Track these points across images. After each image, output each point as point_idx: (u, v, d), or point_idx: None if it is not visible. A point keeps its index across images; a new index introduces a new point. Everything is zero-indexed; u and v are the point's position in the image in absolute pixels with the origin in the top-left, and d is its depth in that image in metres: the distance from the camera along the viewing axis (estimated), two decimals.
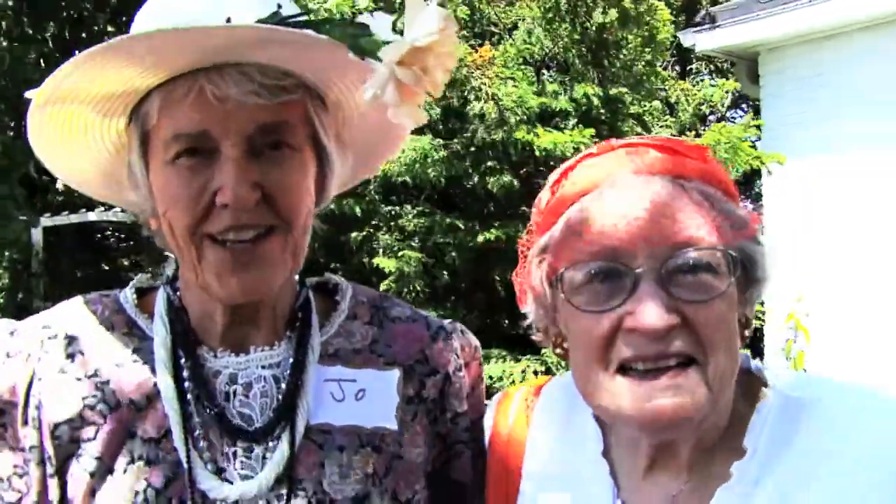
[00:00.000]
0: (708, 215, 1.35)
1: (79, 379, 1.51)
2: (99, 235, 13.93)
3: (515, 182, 8.41)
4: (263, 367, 1.56)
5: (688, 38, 10.10)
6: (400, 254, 8.11)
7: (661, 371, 1.31)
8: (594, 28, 8.52)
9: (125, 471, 1.47)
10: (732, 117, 15.77)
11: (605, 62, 8.92)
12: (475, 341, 1.76)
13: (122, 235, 13.75)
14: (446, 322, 1.74)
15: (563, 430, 1.58)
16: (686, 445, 1.40)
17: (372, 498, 1.52)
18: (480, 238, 8.36)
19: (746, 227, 1.39)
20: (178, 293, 1.61)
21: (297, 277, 1.65)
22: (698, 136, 8.34)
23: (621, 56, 8.91)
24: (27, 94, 1.43)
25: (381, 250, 8.12)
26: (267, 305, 1.57)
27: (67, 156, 1.57)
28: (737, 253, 1.35)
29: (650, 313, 1.29)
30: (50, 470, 1.48)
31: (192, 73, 1.42)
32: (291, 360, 1.57)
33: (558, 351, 1.53)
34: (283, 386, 1.54)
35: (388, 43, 1.33)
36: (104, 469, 1.47)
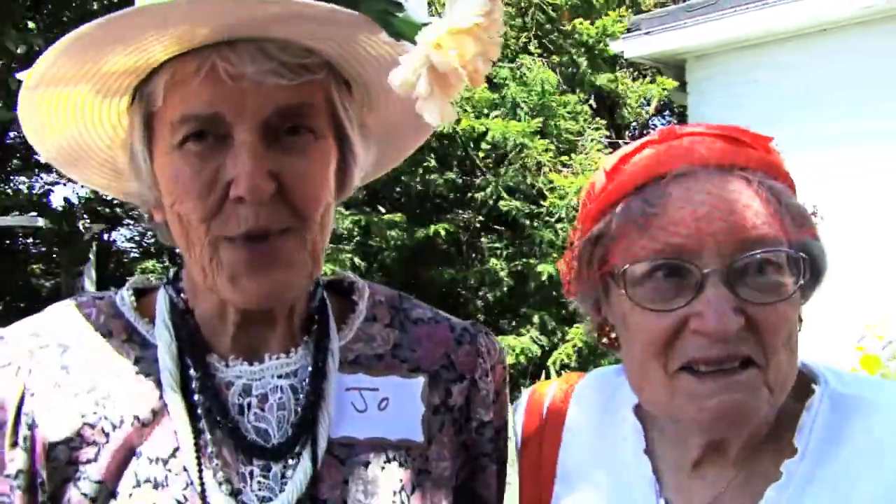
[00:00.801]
0: (774, 211, 1.30)
1: (76, 394, 1.35)
2: (8, 241, 13.38)
3: (458, 180, 8.37)
4: (279, 377, 1.42)
5: (616, 45, 10.23)
6: (334, 257, 7.98)
7: (723, 371, 1.27)
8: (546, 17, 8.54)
9: (131, 495, 1.31)
10: (654, 124, 16.05)
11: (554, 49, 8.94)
12: (499, 343, 1.64)
13: (37, 241, 13.23)
14: (469, 323, 1.62)
15: (600, 428, 1.53)
16: (736, 442, 1.37)
17: None
18: (417, 235, 8.29)
19: (809, 224, 1.35)
20: (181, 294, 1.45)
21: None
22: (633, 138, 8.43)
23: (573, 39, 8.95)
24: (18, 76, 1.27)
25: None
26: (283, 309, 1.43)
27: (60, 140, 1.40)
28: (803, 252, 1.31)
29: (718, 317, 1.24)
30: (42, 497, 1.31)
31: (203, 49, 1.27)
32: (310, 368, 1.43)
33: (604, 340, 1.47)
34: (302, 397, 1.41)
35: (424, 25, 1.21)
36: (107, 493, 1.31)
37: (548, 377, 6.65)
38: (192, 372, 1.38)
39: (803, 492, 1.30)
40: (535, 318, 8.84)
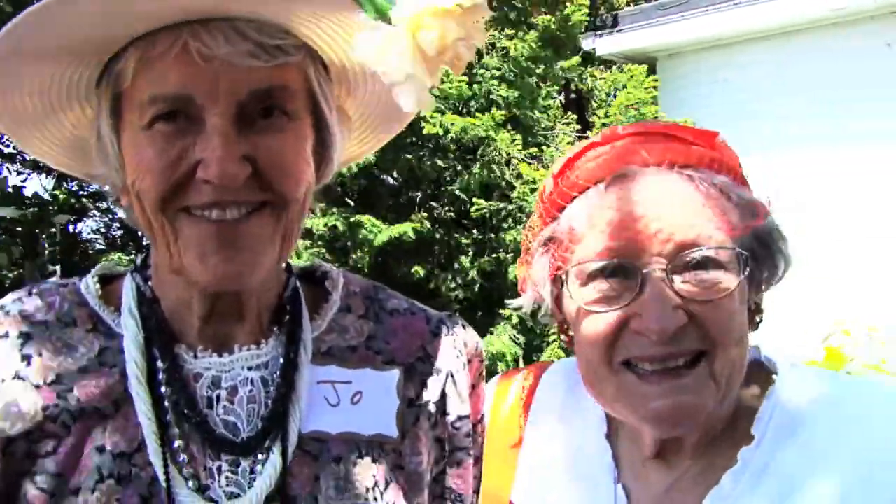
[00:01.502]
0: (717, 207, 1.31)
1: (37, 386, 1.29)
2: None
3: (423, 170, 8.33)
4: (250, 369, 1.37)
5: (588, 42, 10.25)
6: (305, 256, 7.93)
7: (668, 370, 1.29)
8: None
9: (93, 490, 1.26)
10: (621, 122, 16.11)
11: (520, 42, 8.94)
12: (476, 336, 1.61)
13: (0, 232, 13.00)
14: (445, 315, 1.58)
15: (566, 413, 1.54)
16: (691, 437, 1.38)
17: None
18: (386, 235, 8.25)
19: (758, 215, 1.35)
20: (149, 282, 1.40)
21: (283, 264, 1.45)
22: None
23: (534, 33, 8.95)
24: None
25: None
26: (251, 296, 1.38)
27: (25, 119, 1.35)
28: (748, 245, 1.32)
29: (657, 316, 1.25)
30: None
31: (176, 27, 1.22)
32: (281, 359, 1.38)
33: (563, 337, 1.48)
34: (273, 389, 1.36)
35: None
36: (66, 489, 1.26)
37: None
38: (158, 363, 1.34)
39: (759, 479, 1.31)
40: (514, 317, 8.81)
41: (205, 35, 1.21)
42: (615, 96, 10.45)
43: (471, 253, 8.70)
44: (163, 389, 1.32)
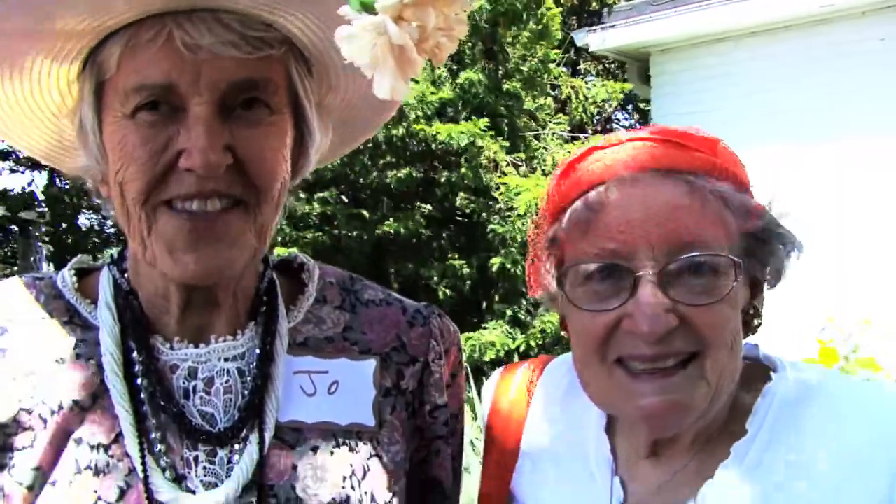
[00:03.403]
0: (714, 213, 1.32)
1: (14, 378, 1.30)
2: None
3: (414, 173, 8.39)
4: (226, 360, 1.38)
5: (581, 38, 10.25)
6: (299, 242, 7.96)
7: (659, 370, 1.30)
8: (486, 21, 8.57)
9: (70, 482, 1.26)
10: (617, 118, 16.13)
11: (500, 56, 8.97)
12: (453, 326, 1.61)
13: None
14: (422, 305, 1.59)
15: (566, 407, 1.55)
16: (685, 437, 1.39)
17: (351, 502, 1.36)
18: (378, 231, 8.30)
19: (751, 217, 1.35)
20: (125, 275, 1.40)
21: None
22: (595, 133, 8.51)
23: (515, 49, 9.01)
24: None
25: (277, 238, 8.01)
26: (228, 288, 1.39)
27: (4, 107, 1.35)
28: (744, 248, 1.34)
29: (648, 318, 1.27)
30: None
31: (161, 17, 1.22)
32: (258, 350, 1.39)
33: (565, 334, 1.48)
34: (249, 380, 1.37)
35: None
36: (44, 481, 1.26)
37: None
38: (135, 355, 1.34)
39: (753, 472, 1.32)
40: (508, 312, 8.84)
41: (189, 25, 1.21)
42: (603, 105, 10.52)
43: (461, 249, 8.73)
44: (139, 381, 1.33)
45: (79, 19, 1.23)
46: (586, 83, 10.40)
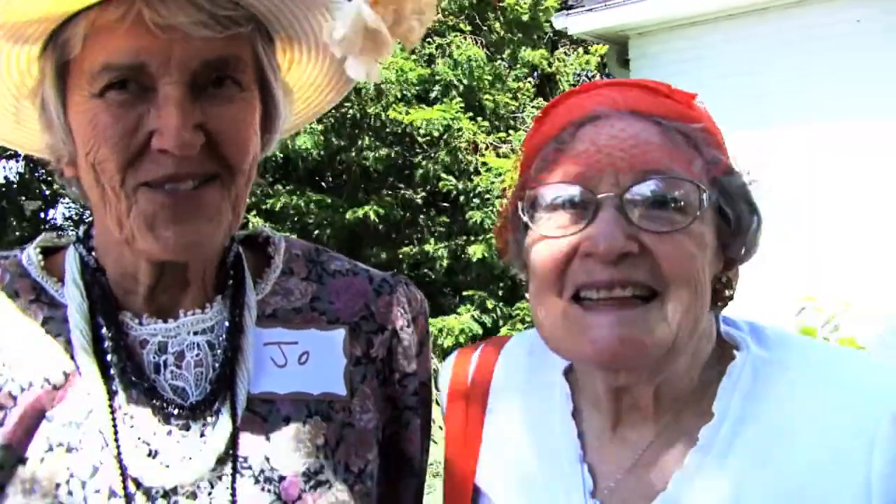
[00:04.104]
0: (684, 153, 1.31)
1: None
2: None
3: (392, 154, 8.35)
4: (195, 333, 1.38)
5: (559, 21, 10.25)
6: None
7: (615, 301, 1.26)
8: None
9: (42, 459, 1.27)
10: None
11: (486, 27, 8.93)
12: (420, 294, 1.62)
13: None
14: (388, 274, 1.60)
15: (528, 390, 1.50)
16: (646, 393, 1.35)
17: (325, 471, 1.37)
18: (351, 216, 8.27)
19: (719, 166, 1.33)
20: (92, 252, 1.40)
21: None
22: None
23: (505, 16, 8.96)
24: None
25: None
26: (199, 266, 1.39)
27: None
28: (708, 188, 1.30)
29: (605, 235, 1.25)
30: None
31: None
32: (227, 323, 1.40)
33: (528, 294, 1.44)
34: (220, 353, 1.38)
35: None
36: (15, 459, 1.27)
37: None
38: (104, 331, 1.34)
39: (725, 457, 1.29)
40: (476, 297, 8.85)
41: (158, 4, 1.20)
42: (586, 78, 10.48)
43: (439, 234, 8.73)
44: (109, 357, 1.33)
45: (39, 3, 1.22)
46: (565, 63, 10.37)
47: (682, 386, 1.36)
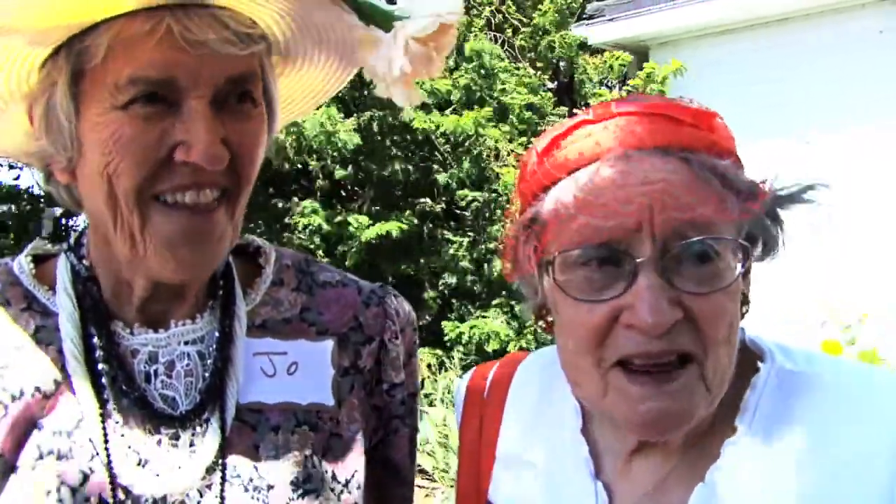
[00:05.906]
0: (716, 193, 1.21)
1: None
2: None
3: (410, 168, 8.35)
4: (186, 343, 1.40)
5: (579, 31, 10.24)
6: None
7: (658, 367, 1.20)
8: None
9: (33, 468, 1.28)
10: None
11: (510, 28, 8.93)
12: (408, 306, 1.64)
13: None
14: (377, 286, 1.61)
15: (541, 408, 1.47)
16: (678, 438, 1.31)
17: (313, 480, 1.38)
18: (372, 233, 8.27)
19: (755, 199, 1.25)
20: (83, 261, 1.41)
21: None
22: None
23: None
24: None
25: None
26: (197, 279, 1.40)
27: None
28: (746, 234, 1.25)
29: (652, 310, 1.16)
30: None
31: (154, 10, 1.22)
32: (217, 333, 1.41)
33: (541, 323, 1.40)
34: (210, 363, 1.39)
35: (397, 16, 1.29)
36: (6, 468, 1.28)
37: None
38: (95, 340, 1.35)
39: (747, 471, 1.25)
40: (506, 305, 8.81)
41: (187, 21, 1.22)
42: (608, 85, 10.44)
43: (463, 243, 8.71)
44: (100, 366, 1.34)
45: (67, 11, 1.21)
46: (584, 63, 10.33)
47: (708, 414, 1.30)
